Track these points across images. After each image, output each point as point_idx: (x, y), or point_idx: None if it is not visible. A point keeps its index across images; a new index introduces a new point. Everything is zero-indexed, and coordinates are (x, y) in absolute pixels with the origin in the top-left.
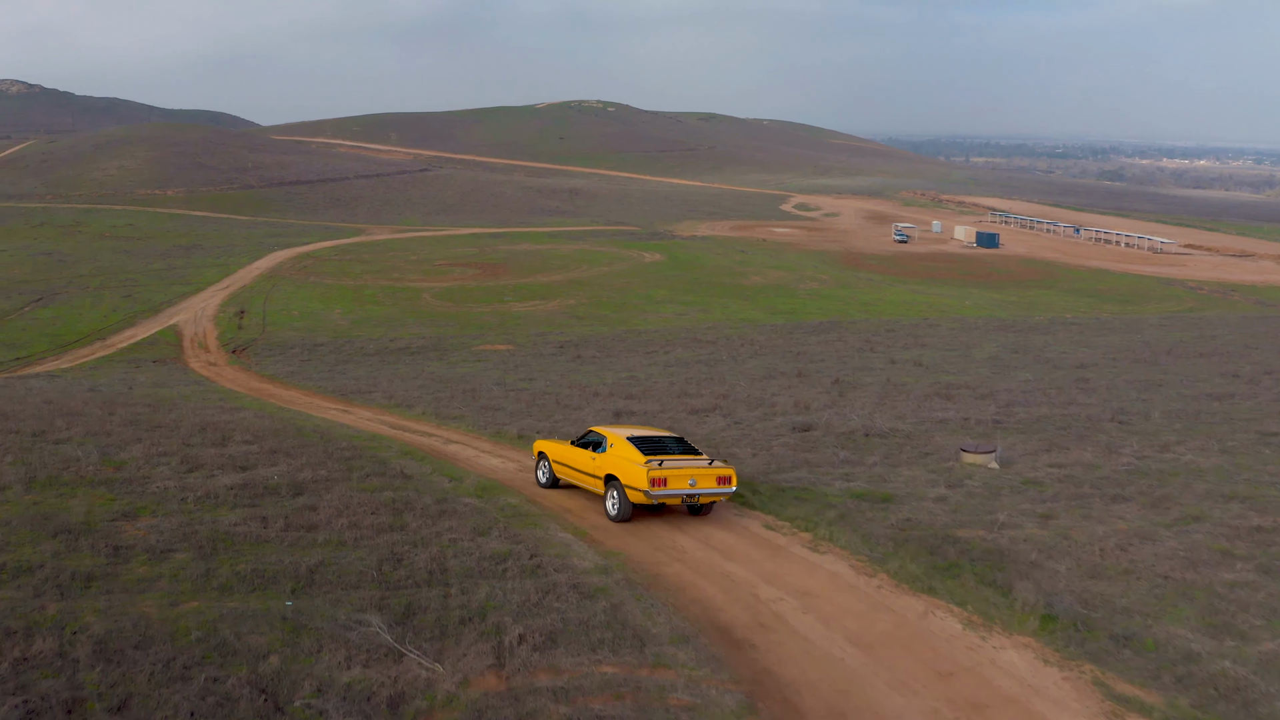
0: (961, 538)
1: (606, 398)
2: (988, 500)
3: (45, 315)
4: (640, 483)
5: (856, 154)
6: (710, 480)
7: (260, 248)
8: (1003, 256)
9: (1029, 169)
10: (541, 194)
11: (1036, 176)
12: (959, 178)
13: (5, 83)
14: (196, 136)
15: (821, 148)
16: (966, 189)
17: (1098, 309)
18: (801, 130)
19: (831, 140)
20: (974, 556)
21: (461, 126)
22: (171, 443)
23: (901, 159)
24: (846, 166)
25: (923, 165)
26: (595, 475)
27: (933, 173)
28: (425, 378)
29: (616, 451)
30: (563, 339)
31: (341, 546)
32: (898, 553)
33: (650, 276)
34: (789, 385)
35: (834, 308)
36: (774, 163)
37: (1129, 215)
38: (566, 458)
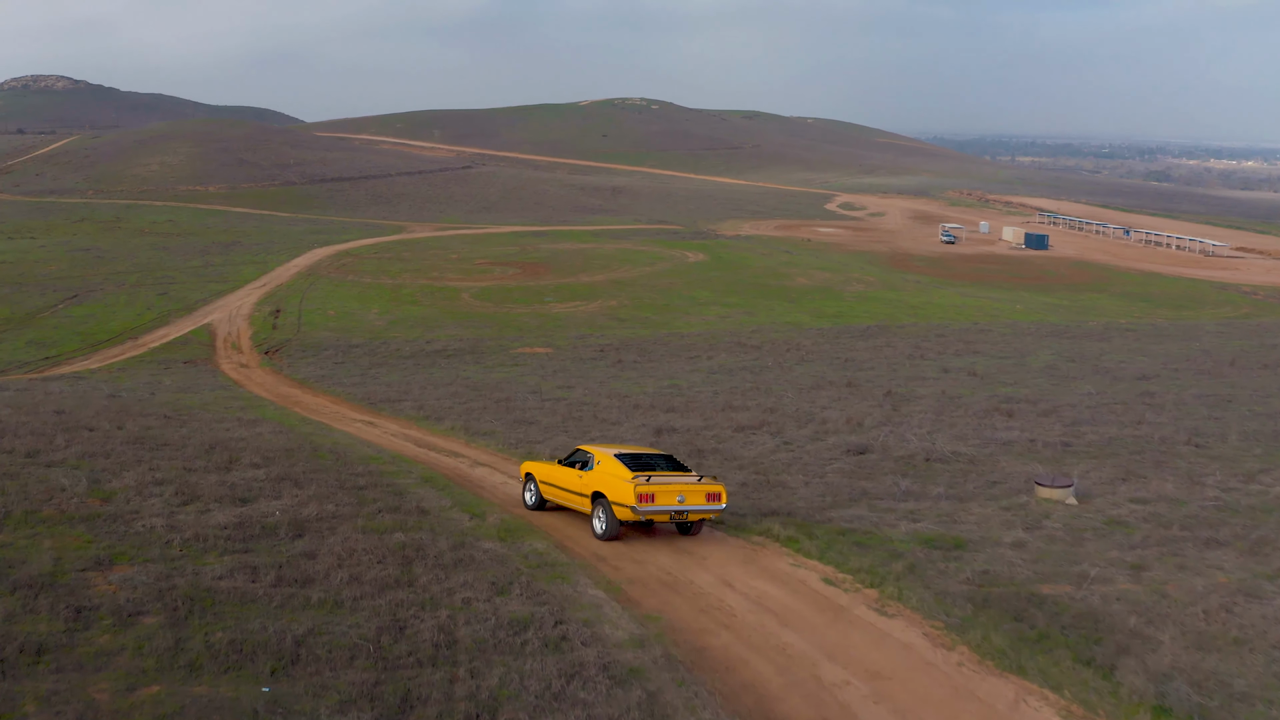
0: (1048, 596)
1: (647, 410)
2: (1071, 547)
3: (78, 313)
4: (627, 499)
5: (902, 153)
6: (699, 497)
7: (300, 245)
8: (1052, 258)
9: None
10: (584, 192)
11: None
12: (1005, 177)
13: (51, 78)
14: (239, 133)
15: (866, 146)
16: (1013, 189)
17: (1152, 314)
18: (846, 128)
19: (877, 139)
20: (1065, 623)
21: (505, 124)
22: (172, 467)
23: (947, 158)
24: (892, 165)
25: (968, 164)
26: (582, 494)
27: (978, 172)
28: (459, 384)
29: (604, 469)
30: (603, 342)
31: (337, 608)
32: (978, 618)
33: (693, 277)
34: (839, 397)
35: (881, 311)
36: (818, 161)
37: (1178, 217)
38: (553, 477)
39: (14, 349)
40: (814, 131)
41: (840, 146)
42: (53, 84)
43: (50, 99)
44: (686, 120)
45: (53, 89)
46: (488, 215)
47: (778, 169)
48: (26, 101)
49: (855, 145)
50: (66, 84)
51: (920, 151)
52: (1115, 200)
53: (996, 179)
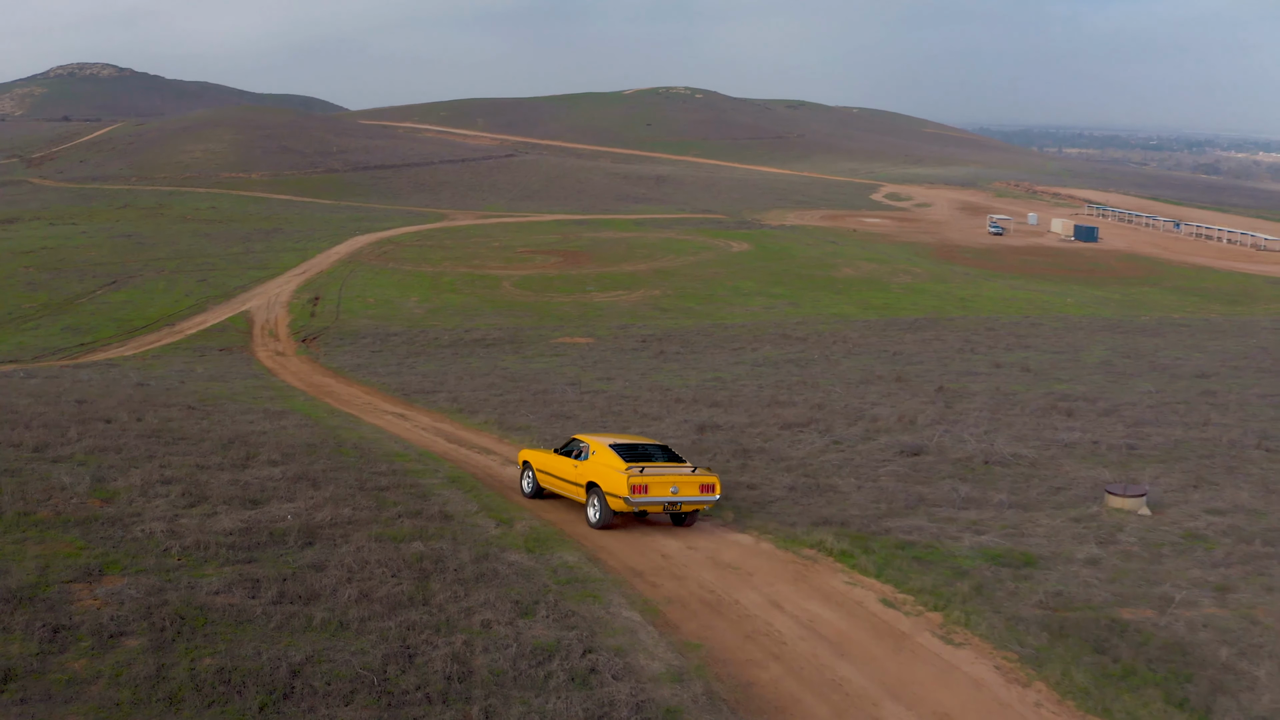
0: (1129, 623)
1: (690, 405)
2: (1150, 564)
3: (116, 299)
4: (621, 489)
5: (948, 143)
6: (693, 488)
7: (341, 232)
8: (1102, 251)
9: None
10: (627, 181)
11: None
12: (1053, 169)
13: (96, 66)
14: (282, 120)
15: (912, 136)
16: (1061, 180)
17: (1205, 309)
18: (892, 118)
19: (923, 129)
20: (1151, 655)
21: (548, 112)
22: (184, 464)
23: (994, 149)
24: (938, 156)
25: (1015, 156)
26: (577, 483)
27: (1026, 163)
28: (496, 375)
29: (598, 459)
30: (645, 333)
31: (342, 631)
32: (1055, 649)
33: (737, 267)
34: (889, 393)
35: (929, 303)
36: (864, 151)
37: (1227, 210)
38: (550, 466)
39: (50, 335)
40: (860, 121)
41: (886, 136)
42: (98, 72)
43: (96, 87)
44: (731, 109)
45: (98, 77)
46: (530, 203)
47: (823, 159)
48: (73, 89)
49: (901, 135)
50: (112, 72)
51: (967, 142)
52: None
53: (1044, 170)
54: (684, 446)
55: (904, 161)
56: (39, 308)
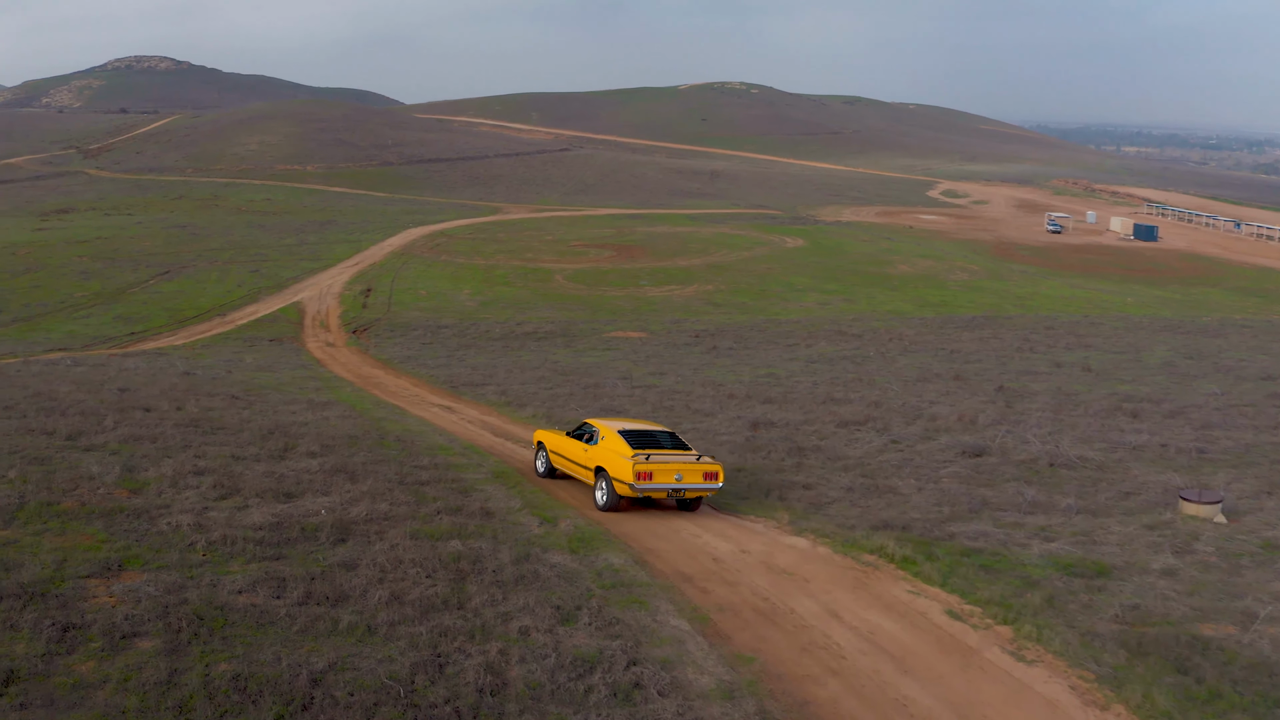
0: (1211, 640)
1: (743, 401)
2: (1229, 576)
3: (169, 289)
4: (626, 475)
5: (1005, 140)
6: (696, 475)
7: (395, 225)
8: (1162, 250)
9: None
10: (682, 175)
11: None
12: (1111, 167)
13: (154, 58)
14: (338, 113)
15: (969, 133)
16: (1119, 179)
17: (1267, 310)
18: (948, 114)
19: (980, 125)
20: (1236, 677)
21: (603, 107)
22: (220, 454)
23: (1051, 146)
24: (995, 153)
25: (1073, 153)
26: (586, 466)
27: (1083, 161)
28: (546, 369)
29: (607, 444)
30: (698, 327)
31: (369, 636)
32: (1135, 669)
33: (792, 263)
34: (947, 391)
35: (987, 301)
36: (920, 147)
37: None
38: (562, 448)
39: (101, 323)
40: (915, 117)
41: (942, 133)
42: (156, 65)
43: (153, 79)
44: (786, 105)
45: (156, 70)
46: (584, 197)
47: (879, 155)
48: (130, 81)
49: (957, 132)
50: (169, 65)
51: (1024, 139)
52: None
53: (1102, 168)
54: (737, 444)
55: (960, 158)
56: (91, 296)
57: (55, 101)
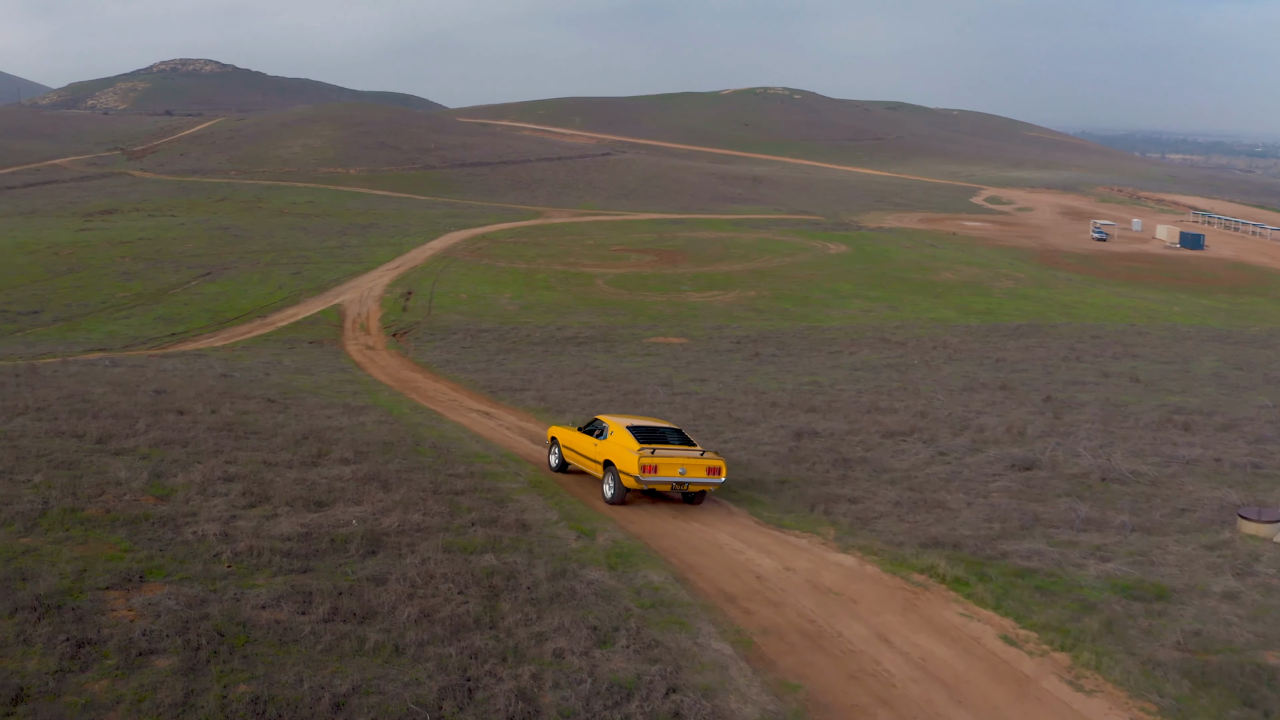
0: (1277, 669)
1: (786, 409)
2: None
3: (210, 290)
4: (632, 468)
5: (1049, 147)
6: (700, 470)
7: (436, 228)
8: (1209, 259)
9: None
10: (724, 180)
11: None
12: (1156, 174)
13: (199, 61)
14: (381, 116)
15: (1013, 139)
16: (1164, 186)
17: None
18: (992, 121)
19: (1024, 132)
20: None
21: (645, 111)
22: (251, 460)
23: (1096, 153)
24: (1039, 159)
25: (1118, 160)
26: (596, 460)
27: (1128, 168)
28: (587, 374)
29: (615, 439)
30: (740, 334)
31: (397, 656)
32: (1198, 700)
33: (835, 269)
34: (994, 401)
35: (1032, 309)
36: (963, 154)
37: None
38: (573, 443)
39: (142, 324)
40: (959, 123)
41: (986, 139)
42: (200, 67)
43: (198, 82)
44: (829, 110)
45: (200, 72)
46: (626, 202)
47: (922, 161)
48: (175, 84)
49: (1001, 138)
50: (214, 68)
51: (1068, 146)
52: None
53: (1147, 176)
54: (780, 454)
55: (1004, 164)
56: (133, 297)
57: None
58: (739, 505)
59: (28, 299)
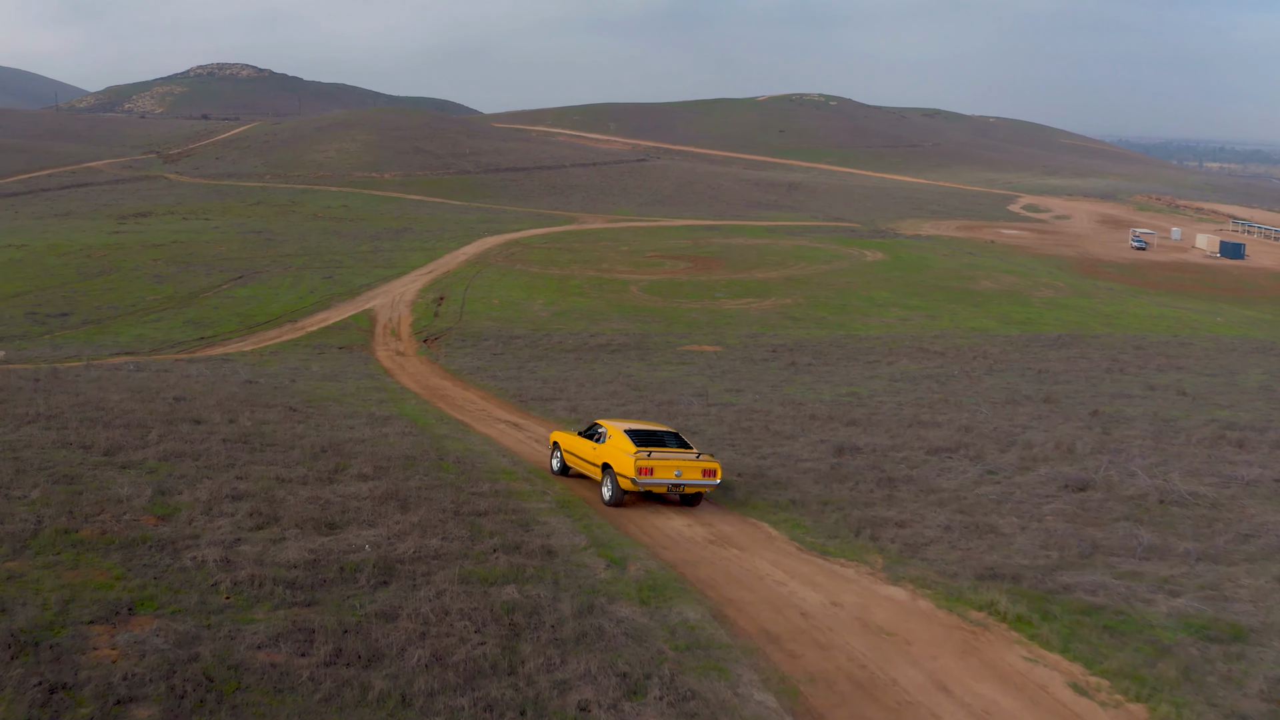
0: None
1: (825, 422)
2: None
3: (241, 294)
4: (629, 471)
5: (1086, 154)
6: (695, 472)
7: (470, 233)
8: (1250, 269)
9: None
10: (759, 187)
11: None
12: (1194, 183)
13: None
14: (416, 121)
15: (1050, 147)
16: (1203, 195)
17: None
18: (1029, 128)
19: (1061, 140)
20: None
21: (680, 118)
22: (264, 475)
23: (1133, 161)
24: (1076, 167)
25: (1155, 168)
26: (594, 463)
27: (1166, 176)
28: (620, 383)
29: (613, 443)
30: (776, 342)
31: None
32: None
33: (872, 277)
34: (1039, 415)
35: (1073, 319)
36: (1001, 161)
37: None
38: (573, 447)
39: (171, 328)
40: (996, 131)
41: (1023, 147)
42: (237, 72)
43: (235, 86)
44: (865, 117)
45: (237, 77)
46: (661, 208)
47: (959, 168)
48: (212, 88)
49: (1038, 146)
50: (251, 72)
51: (1105, 154)
52: None
53: (1185, 184)
54: (821, 472)
55: (1041, 172)
56: (163, 300)
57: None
58: (779, 528)
59: (58, 301)
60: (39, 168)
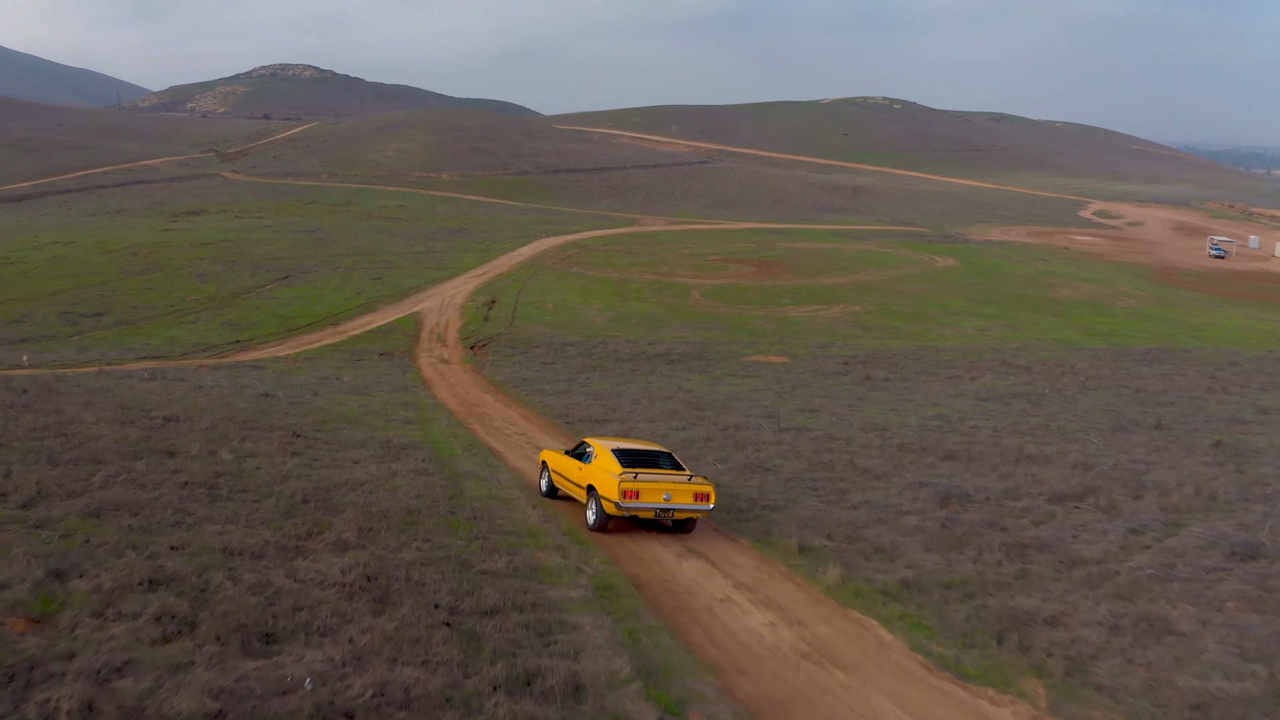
0: None
1: (918, 455)
2: None
3: (285, 295)
4: (612, 494)
5: (1155, 160)
6: (686, 496)
7: (527, 234)
8: None
9: None
10: (824, 190)
11: None
12: (1267, 190)
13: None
14: (476, 122)
15: (1117, 152)
16: (1276, 202)
17: None
18: (1096, 133)
19: (1129, 145)
20: None
21: (743, 120)
22: (209, 545)
23: (1202, 167)
24: (1145, 173)
25: (1225, 175)
26: (580, 485)
27: (1236, 183)
28: (679, 400)
29: (599, 463)
30: (847, 353)
31: None
32: None
33: (944, 283)
34: (1156, 446)
35: (1160, 331)
36: (1068, 166)
37: None
38: (561, 467)
39: (207, 330)
40: (1063, 136)
41: (1090, 152)
42: (299, 73)
43: (297, 87)
44: (930, 120)
45: (299, 78)
46: (723, 211)
47: (1026, 173)
48: (274, 89)
49: (1106, 151)
50: (313, 73)
51: (1173, 160)
52: None
53: (1256, 191)
54: (930, 531)
55: (1110, 178)
56: (203, 300)
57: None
58: (894, 629)
59: (94, 300)
60: (96, 165)
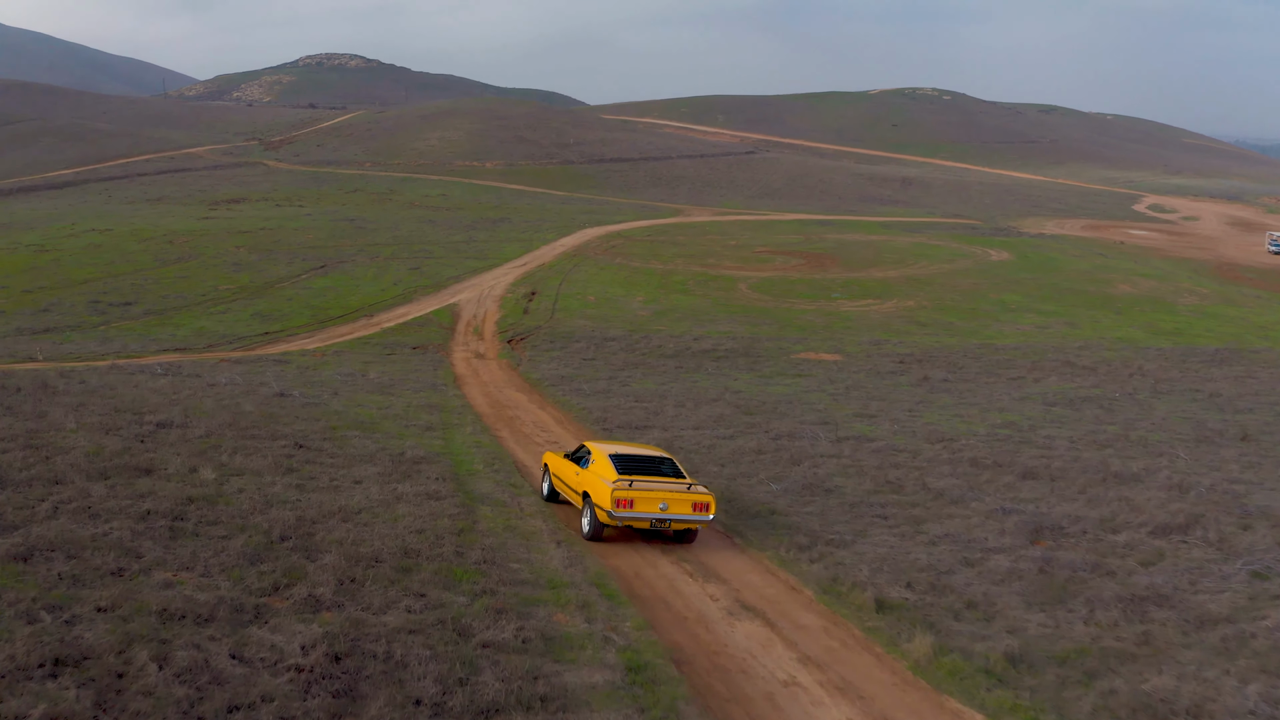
0: None
1: (993, 473)
2: None
3: (319, 285)
4: (605, 503)
5: (1208, 154)
6: (684, 506)
7: (570, 224)
8: None
9: None
10: (872, 182)
11: None
12: None
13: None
14: (521, 111)
15: (1170, 146)
16: None
17: None
18: (1148, 126)
19: (1182, 139)
20: None
21: (790, 110)
22: (145, 608)
23: (1256, 162)
24: (1198, 167)
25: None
26: (576, 491)
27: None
28: (726, 403)
29: (595, 469)
30: (902, 351)
31: None
32: None
33: (999, 278)
34: (1248, 462)
35: (1226, 330)
36: (1121, 159)
37: None
38: (560, 471)
39: (236, 320)
40: (1115, 128)
41: (1143, 145)
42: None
43: (342, 76)
44: (980, 112)
45: (345, 67)
46: (770, 201)
47: (1077, 166)
48: (320, 78)
49: (1158, 144)
50: (359, 63)
51: (1226, 154)
52: None
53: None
54: (1027, 577)
55: (1163, 171)
56: (236, 290)
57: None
58: None
59: (125, 290)
60: (139, 153)
